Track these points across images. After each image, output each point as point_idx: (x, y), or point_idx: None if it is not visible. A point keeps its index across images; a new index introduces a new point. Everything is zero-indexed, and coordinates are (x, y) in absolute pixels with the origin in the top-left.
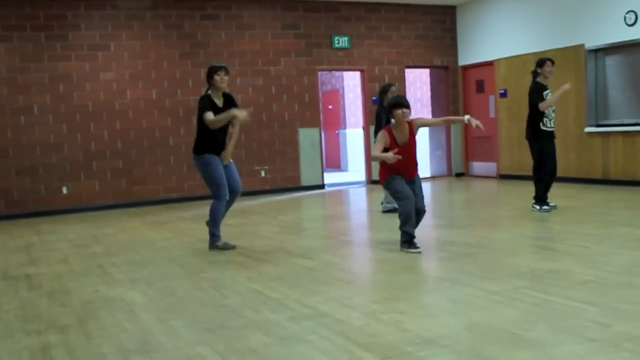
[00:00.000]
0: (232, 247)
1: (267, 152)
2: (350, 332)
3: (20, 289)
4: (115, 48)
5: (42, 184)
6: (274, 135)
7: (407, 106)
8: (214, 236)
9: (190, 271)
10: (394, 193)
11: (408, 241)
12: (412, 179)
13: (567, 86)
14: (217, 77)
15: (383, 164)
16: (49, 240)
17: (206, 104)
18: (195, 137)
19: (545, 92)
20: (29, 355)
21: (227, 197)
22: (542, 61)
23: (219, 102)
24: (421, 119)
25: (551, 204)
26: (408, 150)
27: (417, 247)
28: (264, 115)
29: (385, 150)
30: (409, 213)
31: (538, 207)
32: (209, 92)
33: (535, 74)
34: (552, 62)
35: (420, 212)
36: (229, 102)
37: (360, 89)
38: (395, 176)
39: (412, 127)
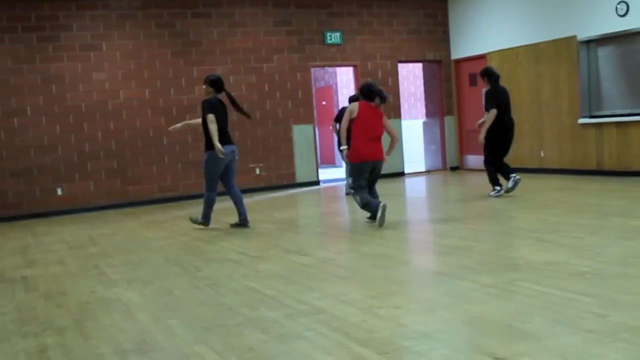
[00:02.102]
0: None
1: (261, 149)
2: (347, 328)
3: (16, 291)
4: (107, 48)
5: (36, 185)
6: (268, 133)
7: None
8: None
9: (186, 270)
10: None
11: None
12: None
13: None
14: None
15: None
16: (44, 242)
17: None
18: (205, 136)
19: None
20: (26, 358)
21: None
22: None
23: None
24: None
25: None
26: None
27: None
28: (257, 113)
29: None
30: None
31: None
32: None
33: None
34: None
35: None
36: None
37: (354, 85)
38: None
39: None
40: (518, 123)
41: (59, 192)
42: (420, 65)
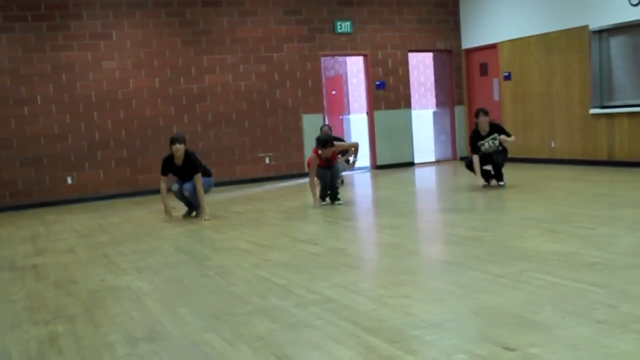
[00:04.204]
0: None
1: (271, 138)
2: (356, 317)
3: (27, 279)
4: (117, 37)
5: (46, 174)
6: (277, 122)
7: (332, 145)
8: None
9: (196, 259)
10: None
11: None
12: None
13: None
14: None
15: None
16: (54, 231)
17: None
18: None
19: (479, 143)
20: (36, 345)
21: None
22: (476, 113)
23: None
24: (337, 145)
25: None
26: (329, 163)
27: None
28: (267, 102)
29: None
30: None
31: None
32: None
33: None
34: (486, 113)
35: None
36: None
37: (364, 74)
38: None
39: (335, 151)
40: (529, 113)
41: (69, 180)
42: (430, 54)
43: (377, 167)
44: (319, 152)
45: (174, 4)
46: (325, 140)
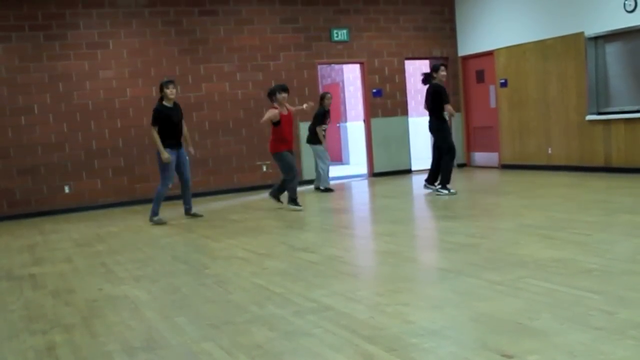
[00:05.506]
0: (164, 223)
1: (268, 147)
2: (355, 325)
3: (24, 289)
4: (114, 46)
5: (44, 183)
6: None
7: (287, 92)
8: (154, 213)
9: (193, 267)
10: (287, 168)
11: (293, 200)
12: (291, 150)
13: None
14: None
15: (274, 135)
16: (52, 240)
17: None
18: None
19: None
20: (34, 355)
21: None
22: (435, 67)
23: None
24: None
25: (452, 190)
26: (288, 118)
27: (299, 205)
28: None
29: (275, 124)
30: (296, 187)
31: (446, 191)
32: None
33: (430, 77)
34: (446, 67)
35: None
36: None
37: (361, 82)
38: (285, 152)
39: (289, 107)
40: (525, 120)
41: (67, 190)
42: (427, 62)
43: (374, 174)
44: (275, 103)
45: (170, 13)
46: (284, 87)
